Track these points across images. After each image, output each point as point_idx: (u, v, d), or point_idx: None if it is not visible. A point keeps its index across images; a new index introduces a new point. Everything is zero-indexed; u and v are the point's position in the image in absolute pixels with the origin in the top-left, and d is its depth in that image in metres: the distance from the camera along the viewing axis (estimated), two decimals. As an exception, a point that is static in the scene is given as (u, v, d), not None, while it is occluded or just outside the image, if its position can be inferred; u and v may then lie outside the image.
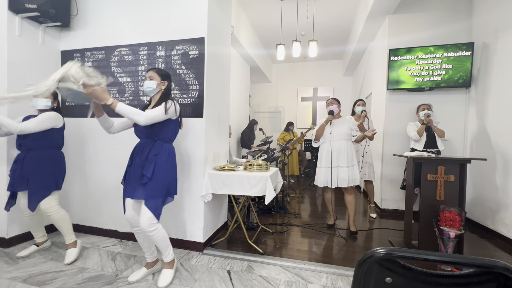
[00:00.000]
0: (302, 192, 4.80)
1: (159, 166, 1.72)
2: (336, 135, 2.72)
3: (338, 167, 2.71)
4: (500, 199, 2.71)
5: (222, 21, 2.62)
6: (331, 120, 2.74)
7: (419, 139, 2.98)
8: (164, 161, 1.74)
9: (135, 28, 2.46)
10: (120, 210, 2.51)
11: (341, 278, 1.88)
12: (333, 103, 2.80)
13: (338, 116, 2.83)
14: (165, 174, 1.74)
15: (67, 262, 2.02)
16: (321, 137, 2.80)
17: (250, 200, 2.87)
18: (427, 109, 3.00)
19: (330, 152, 2.72)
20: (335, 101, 2.83)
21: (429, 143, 2.96)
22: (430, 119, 2.91)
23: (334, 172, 2.71)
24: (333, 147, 2.72)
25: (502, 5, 2.79)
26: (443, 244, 1.97)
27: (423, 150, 2.94)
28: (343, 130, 2.73)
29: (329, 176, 2.73)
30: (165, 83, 1.81)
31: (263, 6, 4.45)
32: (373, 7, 3.32)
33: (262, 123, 7.48)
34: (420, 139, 2.99)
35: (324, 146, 2.80)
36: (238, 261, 2.12)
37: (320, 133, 2.79)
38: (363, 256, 0.56)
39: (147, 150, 1.74)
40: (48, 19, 2.41)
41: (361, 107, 3.23)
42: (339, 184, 2.70)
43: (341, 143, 2.72)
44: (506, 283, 0.50)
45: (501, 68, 2.79)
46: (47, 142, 2.08)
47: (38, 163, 2.02)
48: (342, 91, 7.00)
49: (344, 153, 2.71)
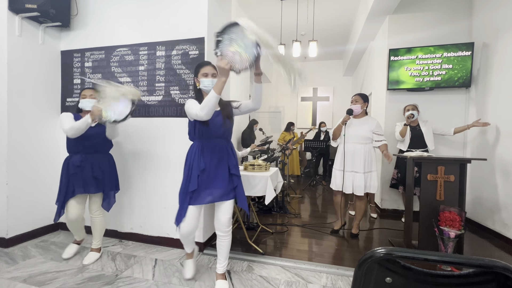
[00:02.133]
0: (302, 192, 4.80)
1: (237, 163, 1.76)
2: (351, 137, 2.53)
3: (354, 172, 2.52)
4: (500, 199, 2.71)
5: (222, 21, 2.62)
6: (347, 121, 2.52)
7: (402, 139, 2.99)
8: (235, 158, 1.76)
9: (135, 28, 2.46)
10: (120, 210, 2.52)
11: (341, 278, 1.88)
12: (356, 101, 2.56)
13: (361, 115, 2.60)
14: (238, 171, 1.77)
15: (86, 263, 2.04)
16: (338, 137, 2.61)
17: (250, 200, 2.87)
18: (411, 109, 3.03)
19: (343, 155, 2.56)
20: (359, 98, 2.56)
21: (414, 143, 2.97)
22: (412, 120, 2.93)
23: (348, 177, 2.54)
24: (347, 150, 2.54)
25: (502, 5, 2.79)
26: (443, 244, 1.97)
27: (407, 150, 2.96)
28: (361, 132, 2.51)
29: (340, 180, 2.57)
30: None
31: (263, 6, 4.45)
32: (373, 7, 3.32)
33: (262, 123, 7.48)
34: (403, 140, 2.99)
35: (340, 148, 2.62)
36: (238, 261, 2.12)
37: (336, 133, 2.61)
38: (363, 256, 0.56)
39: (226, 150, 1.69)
40: (48, 19, 2.41)
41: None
42: (354, 190, 2.53)
43: (357, 146, 2.52)
44: (506, 283, 0.50)
45: (501, 68, 2.79)
46: (110, 144, 2.17)
47: (110, 164, 2.14)
48: (342, 91, 7.00)
49: (361, 158, 2.49)
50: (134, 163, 2.48)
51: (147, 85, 2.44)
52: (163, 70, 2.39)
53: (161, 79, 2.39)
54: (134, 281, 1.82)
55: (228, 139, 1.76)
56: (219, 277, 1.74)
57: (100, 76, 2.58)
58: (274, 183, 2.45)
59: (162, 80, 2.39)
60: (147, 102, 2.44)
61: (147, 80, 2.44)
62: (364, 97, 2.59)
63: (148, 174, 2.43)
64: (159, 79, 2.40)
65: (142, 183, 2.46)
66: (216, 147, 1.66)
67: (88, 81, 2.61)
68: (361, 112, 2.59)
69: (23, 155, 2.38)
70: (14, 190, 2.31)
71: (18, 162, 2.35)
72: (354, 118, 2.61)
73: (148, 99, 2.44)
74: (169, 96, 2.37)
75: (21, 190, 2.35)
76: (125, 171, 2.49)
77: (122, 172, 2.51)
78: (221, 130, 1.66)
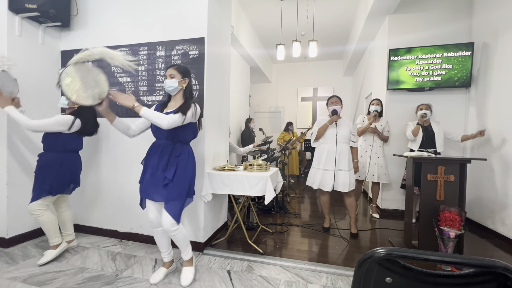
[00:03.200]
0: (302, 192, 4.80)
1: (181, 168, 1.71)
2: (337, 137, 2.63)
3: (338, 171, 2.63)
4: (500, 199, 2.71)
5: (222, 21, 2.62)
6: (335, 121, 2.62)
7: (414, 139, 2.98)
8: (185, 163, 1.74)
9: (135, 28, 2.46)
10: (120, 210, 2.52)
11: (341, 278, 1.88)
12: (337, 103, 2.66)
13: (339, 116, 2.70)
14: (187, 176, 1.74)
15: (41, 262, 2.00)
16: (321, 137, 2.71)
17: (250, 200, 2.87)
18: (425, 109, 3.00)
19: (334, 154, 2.62)
20: (338, 100, 2.69)
21: (426, 143, 2.96)
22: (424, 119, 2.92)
23: (331, 176, 2.63)
24: (337, 149, 2.62)
25: (502, 5, 2.79)
26: (443, 244, 1.97)
27: (418, 150, 2.93)
28: (344, 133, 2.64)
29: (328, 179, 2.64)
30: (186, 81, 1.76)
31: (263, 6, 4.45)
32: (373, 7, 3.32)
33: (262, 123, 7.49)
34: (415, 139, 2.98)
35: (324, 147, 2.68)
36: (238, 261, 2.12)
37: (321, 133, 2.68)
38: (363, 256, 0.56)
39: (168, 152, 1.72)
40: (48, 19, 2.41)
41: (375, 106, 3.19)
42: (339, 188, 2.62)
43: (343, 146, 2.65)
44: (506, 283, 0.50)
45: (501, 68, 2.79)
46: (59, 145, 2.07)
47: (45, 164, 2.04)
48: (342, 91, 7.00)
49: (346, 157, 2.63)
50: (134, 163, 2.48)
51: (147, 85, 2.44)
52: (163, 70, 2.38)
53: (161, 79, 2.39)
54: (134, 281, 1.82)
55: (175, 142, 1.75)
56: (185, 264, 1.86)
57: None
58: (274, 183, 2.45)
59: (162, 80, 2.39)
60: (147, 102, 2.44)
61: (147, 80, 2.44)
62: (341, 100, 2.75)
63: (148, 174, 2.43)
64: (159, 79, 2.40)
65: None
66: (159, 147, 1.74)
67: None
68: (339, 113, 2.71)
69: (23, 155, 2.38)
70: (14, 190, 2.31)
71: (18, 162, 2.35)
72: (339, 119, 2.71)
73: (148, 99, 2.44)
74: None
75: (21, 191, 2.34)
76: (125, 171, 2.49)
77: (122, 172, 2.51)
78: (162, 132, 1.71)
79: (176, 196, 1.68)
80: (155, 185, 1.70)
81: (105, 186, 2.57)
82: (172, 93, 1.78)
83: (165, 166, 1.69)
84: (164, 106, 1.81)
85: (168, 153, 1.72)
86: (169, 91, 1.76)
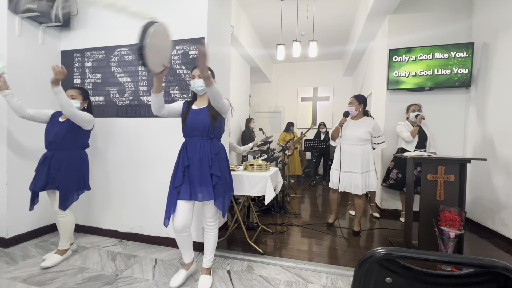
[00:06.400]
0: (302, 192, 4.80)
1: (223, 164, 1.74)
2: (347, 139, 2.61)
3: (351, 173, 2.62)
4: (500, 199, 2.71)
5: (222, 21, 2.62)
6: (343, 123, 2.61)
7: (412, 140, 2.98)
8: (224, 159, 1.76)
9: (135, 28, 2.45)
10: (120, 210, 2.52)
11: (341, 278, 1.88)
12: (352, 104, 2.64)
13: (358, 116, 2.67)
14: (227, 172, 1.77)
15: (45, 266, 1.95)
16: (336, 138, 2.74)
17: (250, 200, 2.87)
18: (417, 110, 3.02)
19: (339, 155, 2.67)
20: (354, 100, 2.64)
21: (420, 144, 2.99)
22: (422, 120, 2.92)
23: (345, 177, 2.65)
24: (344, 150, 2.63)
25: (502, 5, 2.79)
26: (443, 244, 1.96)
27: (414, 151, 2.93)
28: (357, 134, 2.58)
29: (334, 179, 2.71)
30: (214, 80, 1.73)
31: (263, 6, 4.45)
32: (373, 7, 3.32)
33: (262, 123, 7.48)
34: (412, 141, 2.99)
35: (337, 148, 2.76)
36: (238, 261, 2.12)
37: (334, 134, 2.74)
38: (363, 256, 0.55)
39: (207, 149, 1.68)
40: (48, 19, 2.41)
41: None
42: (352, 190, 2.62)
43: (354, 147, 2.60)
44: (506, 283, 0.50)
45: (501, 68, 2.79)
46: (77, 143, 2.09)
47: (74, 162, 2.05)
48: (342, 91, 7.00)
49: (358, 158, 2.58)
50: (134, 163, 2.48)
51: (147, 85, 2.44)
52: (163, 70, 2.38)
53: (161, 79, 2.39)
54: (134, 281, 1.82)
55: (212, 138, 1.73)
56: (204, 272, 1.78)
57: (100, 76, 2.58)
58: (274, 183, 2.45)
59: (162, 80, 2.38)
60: (148, 102, 2.44)
61: (147, 80, 2.44)
62: (359, 99, 2.66)
63: (148, 173, 2.43)
64: (159, 79, 2.40)
65: (142, 183, 2.46)
66: (197, 145, 1.69)
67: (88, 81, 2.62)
68: (357, 114, 2.66)
69: (23, 155, 2.38)
70: (14, 190, 2.31)
71: (18, 162, 2.35)
72: (352, 120, 2.68)
73: (148, 99, 2.44)
74: (169, 96, 2.37)
75: (21, 190, 2.34)
76: (125, 170, 2.49)
77: (122, 171, 2.51)
78: (199, 129, 1.68)
79: (222, 192, 1.71)
80: (204, 184, 1.66)
81: (105, 186, 2.57)
82: (200, 93, 1.77)
83: (210, 164, 1.67)
84: (191, 104, 1.80)
85: (208, 150, 1.68)
86: (198, 91, 1.75)
